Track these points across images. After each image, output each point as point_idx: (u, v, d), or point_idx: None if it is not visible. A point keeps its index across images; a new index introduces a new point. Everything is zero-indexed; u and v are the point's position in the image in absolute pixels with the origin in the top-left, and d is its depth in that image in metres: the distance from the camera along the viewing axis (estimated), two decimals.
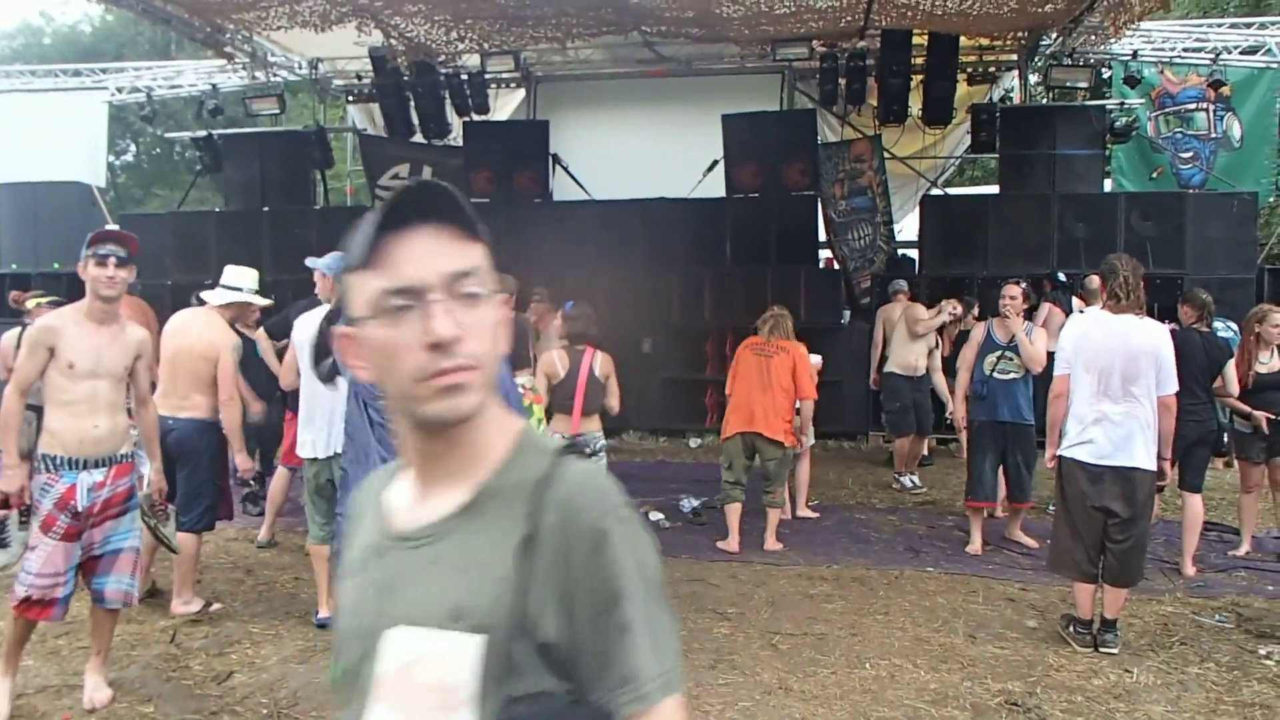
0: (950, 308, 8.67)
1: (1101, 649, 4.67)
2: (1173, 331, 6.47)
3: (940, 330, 9.01)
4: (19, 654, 3.82)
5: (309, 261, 6.49)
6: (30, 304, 7.44)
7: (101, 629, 4.02)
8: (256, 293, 5.40)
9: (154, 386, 4.56)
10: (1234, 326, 8.30)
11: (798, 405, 6.59)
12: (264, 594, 5.55)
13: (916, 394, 8.71)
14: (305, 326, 4.82)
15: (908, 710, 3.99)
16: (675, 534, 7.04)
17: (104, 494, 3.82)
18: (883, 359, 9.12)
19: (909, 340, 8.87)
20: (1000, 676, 4.37)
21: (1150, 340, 4.68)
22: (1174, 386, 4.71)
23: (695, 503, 7.64)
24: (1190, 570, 5.97)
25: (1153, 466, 4.66)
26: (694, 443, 10.92)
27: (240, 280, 5.25)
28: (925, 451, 9.25)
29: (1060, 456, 4.82)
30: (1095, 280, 7.59)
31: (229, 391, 5.02)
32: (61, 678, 4.22)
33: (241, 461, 5.08)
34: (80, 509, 3.75)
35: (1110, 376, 4.67)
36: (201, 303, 5.38)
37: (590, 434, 5.21)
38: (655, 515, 7.44)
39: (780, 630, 4.95)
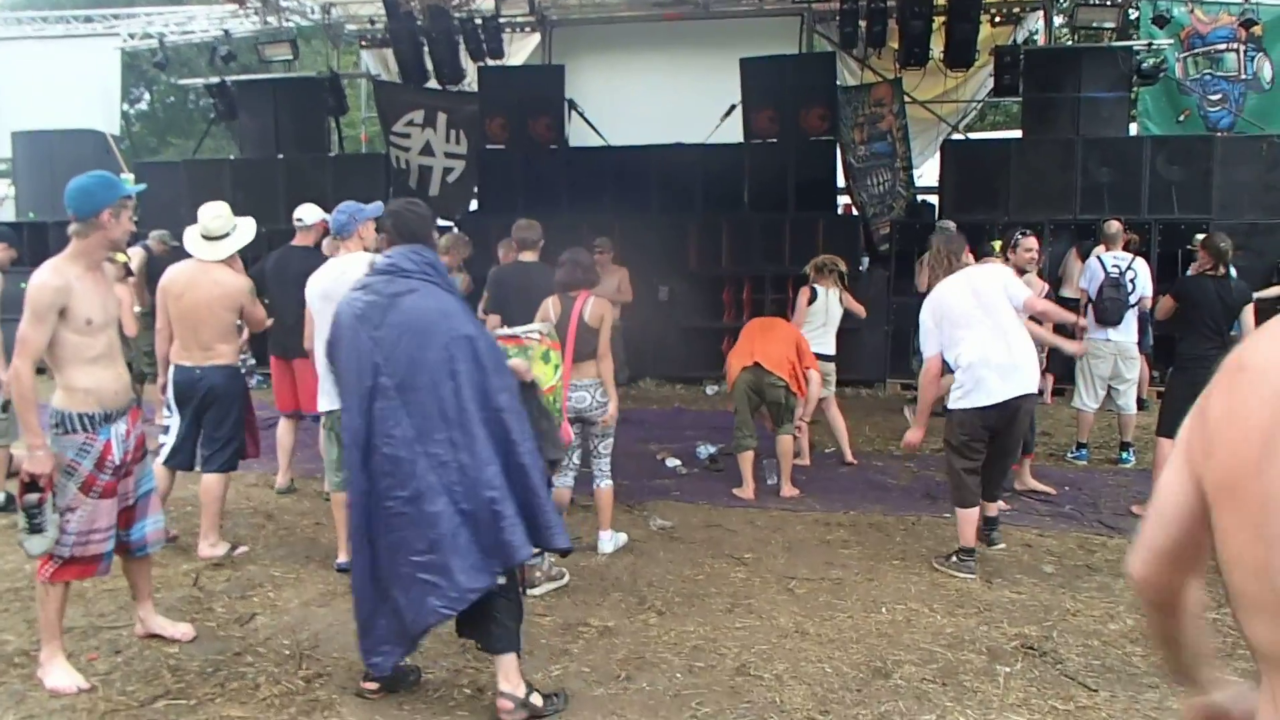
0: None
1: (990, 545, 5.28)
2: (1183, 280, 6.43)
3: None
4: (61, 622, 3.72)
5: (300, 212, 6.52)
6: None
7: (142, 575, 4.06)
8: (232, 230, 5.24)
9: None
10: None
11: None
12: (285, 539, 5.61)
13: None
14: (320, 281, 4.81)
15: (924, 654, 4.01)
16: (692, 480, 7.06)
17: (131, 441, 3.81)
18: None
19: None
20: (1016, 621, 4.38)
21: (983, 275, 5.17)
22: (1026, 292, 5.23)
23: (712, 449, 7.65)
24: None
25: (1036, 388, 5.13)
26: (711, 390, 10.91)
27: (219, 225, 5.13)
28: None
29: (949, 408, 5.14)
30: (1114, 225, 7.52)
31: (260, 318, 5.41)
32: (88, 619, 4.28)
33: None
34: (119, 461, 3.72)
35: (975, 321, 4.99)
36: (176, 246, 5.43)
37: (587, 380, 5.14)
38: (672, 461, 7.46)
39: (797, 575, 4.97)
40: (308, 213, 6.53)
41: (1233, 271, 6.33)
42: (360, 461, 3.31)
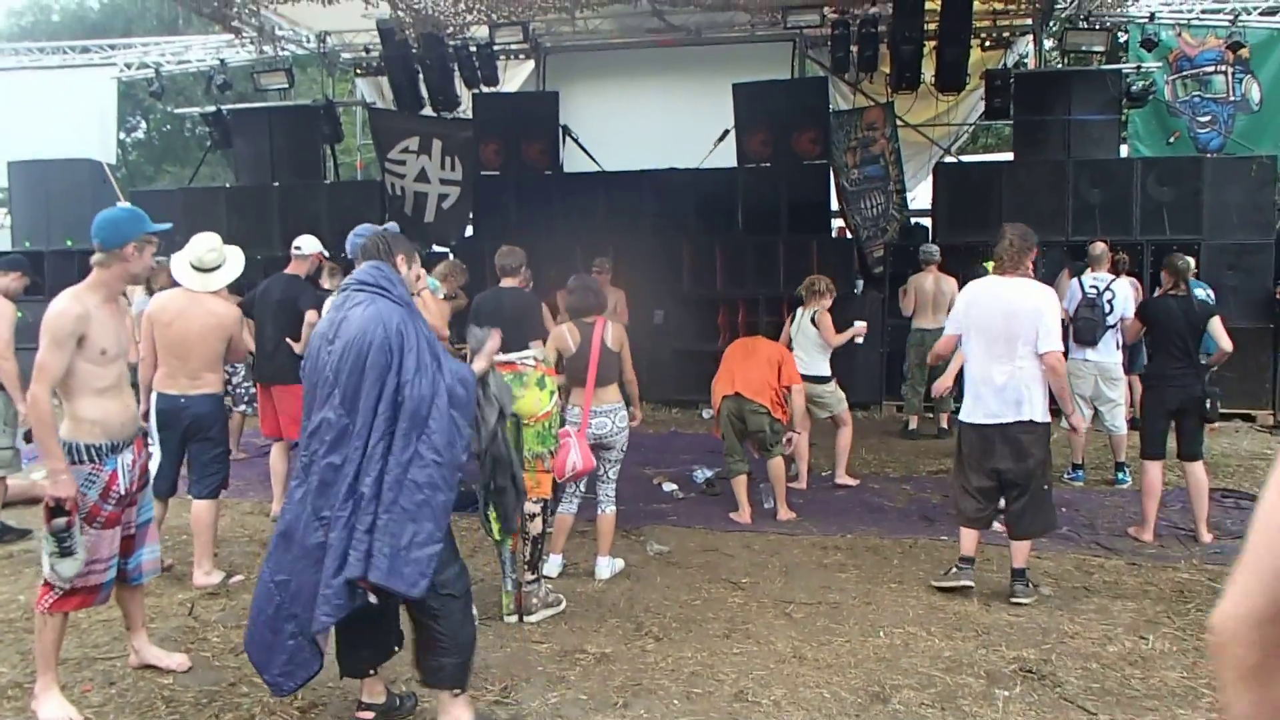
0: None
1: (1011, 599, 4.87)
2: (1146, 302, 6.45)
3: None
4: (57, 654, 3.71)
5: (300, 241, 6.59)
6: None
7: (136, 605, 4.05)
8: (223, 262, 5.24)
9: None
10: (1208, 288, 8.31)
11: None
12: None
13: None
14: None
15: (922, 678, 4.00)
16: (689, 505, 7.04)
17: (136, 470, 3.84)
18: (912, 331, 9.20)
19: (933, 313, 8.92)
20: (1015, 644, 4.36)
21: (1030, 301, 4.82)
22: (1056, 345, 4.82)
23: (708, 473, 7.63)
24: (1206, 537, 5.93)
25: (1042, 419, 4.87)
26: (706, 413, 10.87)
27: (213, 258, 5.12)
28: (945, 424, 9.25)
29: (954, 418, 4.97)
30: (1099, 246, 7.55)
31: (244, 354, 5.57)
32: (82, 650, 4.26)
33: None
34: (124, 491, 3.73)
35: (995, 341, 4.84)
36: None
37: (609, 405, 5.19)
38: (669, 486, 7.45)
39: (794, 599, 4.96)
40: (307, 243, 6.62)
41: (1198, 292, 6.37)
42: (303, 477, 3.33)
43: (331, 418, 3.21)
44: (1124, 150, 12.25)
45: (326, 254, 6.98)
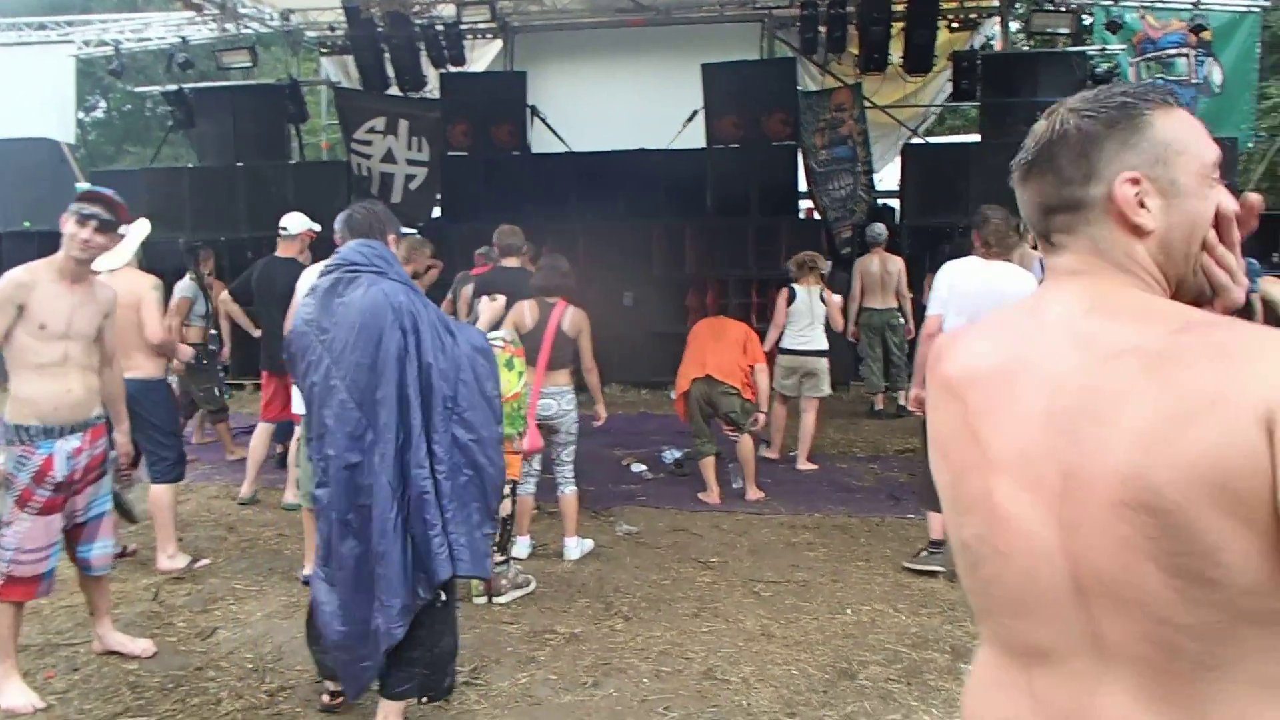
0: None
1: (930, 565, 4.98)
2: None
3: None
4: (15, 640, 3.63)
5: (286, 220, 6.42)
6: None
7: (100, 591, 3.99)
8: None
9: None
10: None
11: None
12: (247, 550, 5.54)
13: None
14: (308, 281, 4.75)
15: (889, 654, 4.04)
16: (658, 485, 7.07)
17: (83, 460, 3.69)
18: (860, 310, 9.20)
19: (881, 294, 8.99)
20: None
21: (1018, 286, 4.75)
22: None
23: (677, 454, 7.66)
24: None
25: None
26: (675, 395, 10.91)
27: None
28: (903, 402, 9.32)
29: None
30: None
31: (153, 328, 4.81)
32: (44, 637, 4.21)
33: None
34: (60, 479, 3.60)
35: (979, 319, 4.72)
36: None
37: (557, 388, 5.16)
38: (638, 467, 7.47)
39: (763, 578, 4.99)
40: (293, 221, 6.36)
41: None
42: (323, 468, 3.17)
43: (340, 414, 3.05)
44: None
45: (318, 229, 6.54)
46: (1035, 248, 7.34)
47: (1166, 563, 0.98)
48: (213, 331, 7.58)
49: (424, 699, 3.31)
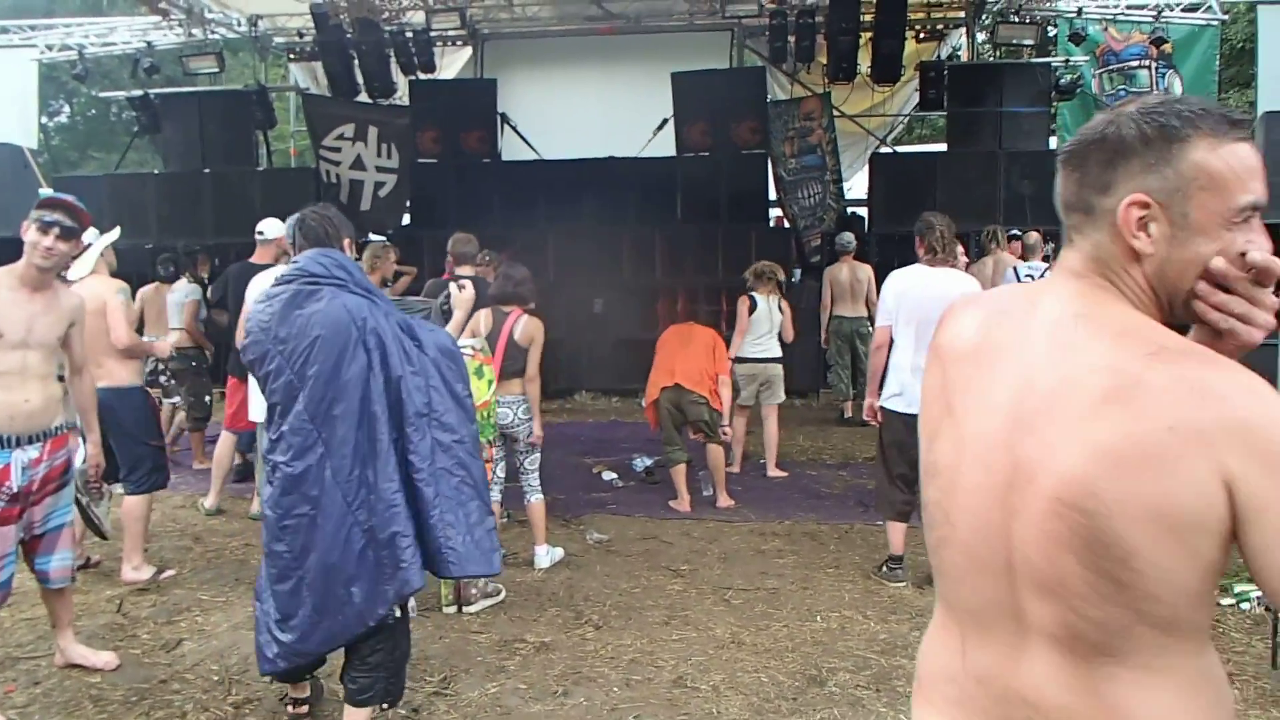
0: None
1: (890, 581, 4.99)
2: None
3: None
4: None
5: (263, 225, 6.37)
6: None
7: (61, 603, 3.92)
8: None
9: None
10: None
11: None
12: (213, 561, 5.48)
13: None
14: (258, 286, 4.71)
15: (858, 660, 4.07)
16: (629, 493, 7.07)
17: (41, 470, 3.62)
18: (831, 318, 9.28)
19: (851, 302, 9.07)
20: None
21: (960, 290, 4.76)
22: None
23: (648, 461, 7.67)
24: None
25: None
26: (646, 403, 10.92)
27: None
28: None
29: (880, 407, 4.99)
30: (1034, 235, 7.72)
31: (119, 333, 4.73)
32: (4, 649, 4.14)
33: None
34: (17, 489, 3.52)
35: (927, 328, 4.76)
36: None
37: (512, 397, 5.14)
38: (608, 475, 7.47)
39: (733, 586, 5.01)
40: (270, 226, 6.28)
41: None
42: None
43: (294, 425, 3.02)
44: (1054, 142, 12.50)
45: None
46: (1023, 257, 7.48)
47: (1087, 560, 1.07)
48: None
49: (386, 705, 3.27)
